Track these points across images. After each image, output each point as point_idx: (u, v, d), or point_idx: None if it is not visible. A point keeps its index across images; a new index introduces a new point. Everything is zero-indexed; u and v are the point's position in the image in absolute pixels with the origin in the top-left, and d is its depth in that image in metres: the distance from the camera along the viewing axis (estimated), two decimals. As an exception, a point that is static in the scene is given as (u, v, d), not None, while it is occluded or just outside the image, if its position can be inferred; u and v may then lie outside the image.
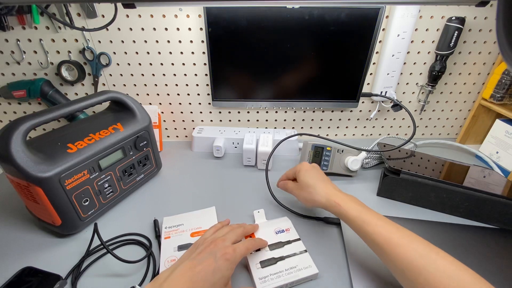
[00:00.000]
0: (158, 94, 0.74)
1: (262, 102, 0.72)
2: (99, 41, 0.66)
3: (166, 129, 0.81)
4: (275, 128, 0.81)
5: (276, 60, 0.65)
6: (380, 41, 0.68)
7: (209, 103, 0.76)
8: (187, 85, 0.73)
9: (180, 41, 0.66)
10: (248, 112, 0.78)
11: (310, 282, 0.41)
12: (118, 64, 0.69)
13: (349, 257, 0.44)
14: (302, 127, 0.82)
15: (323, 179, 0.48)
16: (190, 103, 0.76)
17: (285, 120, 0.81)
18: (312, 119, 0.81)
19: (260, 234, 0.47)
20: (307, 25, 0.60)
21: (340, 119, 0.81)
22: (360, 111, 0.79)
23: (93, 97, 0.52)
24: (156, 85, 0.73)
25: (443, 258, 0.33)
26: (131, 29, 0.65)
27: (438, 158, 0.65)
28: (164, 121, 0.79)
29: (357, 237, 0.48)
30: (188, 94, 0.75)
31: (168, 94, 0.74)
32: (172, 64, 0.70)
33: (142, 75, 0.71)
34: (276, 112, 0.79)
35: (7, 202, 0.57)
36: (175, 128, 0.81)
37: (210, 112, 0.78)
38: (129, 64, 0.69)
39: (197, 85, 0.73)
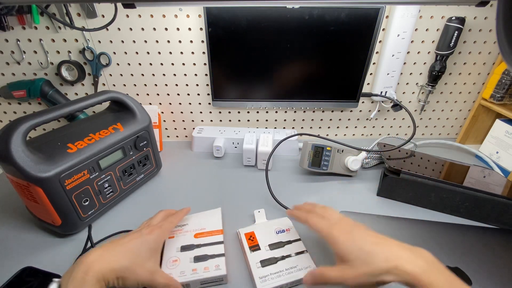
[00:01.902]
0: (158, 94, 0.74)
1: (262, 102, 0.72)
2: (99, 41, 0.66)
3: (166, 129, 0.81)
4: (275, 128, 0.81)
5: (276, 60, 0.65)
6: (380, 41, 0.68)
7: (209, 103, 0.76)
8: (187, 85, 0.73)
9: (180, 41, 0.66)
10: (248, 112, 0.78)
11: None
12: (118, 64, 0.69)
13: (349, 257, 0.44)
14: (302, 127, 0.82)
15: (368, 233, 0.34)
16: (190, 103, 0.76)
17: (285, 120, 0.81)
18: (312, 119, 0.81)
19: (260, 233, 0.47)
20: (307, 25, 0.60)
21: (340, 119, 0.81)
22: (360, 111, 0.79)
23: (93, 97, 0.52)
24: (156, 85, 0.73)
25: None
26: (131, 29, 0.65)
27: (438, 158, 0.65)
28: (164, 121, 0.79)
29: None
30: (188, 94, 0.75)
31: (168, 94, 0.74)
32: (172, 64, 0.70)
33: (142, 75, 0.71)
34: (276, 112, 0.79)
35: (7, 202, 0.57)
36: (175, 128, 0.81)
37: (210, 112, 0.78)
38: (129, 64, 0.69)
39: (197, 85, 0.73)
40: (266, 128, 0.81)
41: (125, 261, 0.34)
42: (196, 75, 0.71)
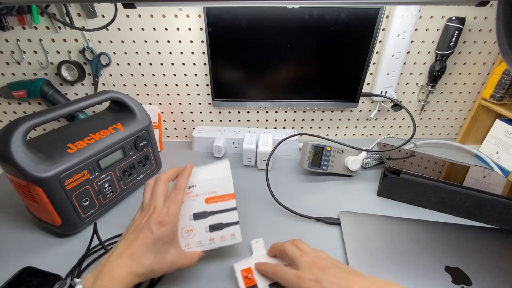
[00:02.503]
0: (158, 94, 0.74)
1: (262, 102, 0.72)
2: (99, 41, 0.66)
3: (166, 129, 0.81)
4: (275, 128, 0.81)
5: (276, 60, 0.65)
6: (380, 41, 0.68)
7: (209, 103, 0.76)
8: (187, 85, 0.73)
9: (180, 41, 0.66)
10: (248, 112, 0.78)
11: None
12: (118, 64, 0.69)
13: (349, 257, 0.44)
14: (302, 127, 0.82)
15: (338, 276, 0.33)
16: (190, 103, 0.76)
17: (285, 120, 0.81)
18: (312, 119, 0.81)
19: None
20: (307, 25, 0.60)
21: (340, 119, 0.81)
22: (360, 111, 0.79)
23: (93, 97, 0.52)
24: (156, 85, 0.73)
25: None
26: (131, 29, 0.65)
27: (438, 158, 0.65)
28: (164, 121, 0.79)
29: (357, 237, 0.48)
30: (188, 94, 0.75)
31: (168, 94, 0.74)
32: (172, 64, 0.70)
33: (142, 75, 0.71)
34: (276, 112, 0.79)
35: (7, 202, 0.57)
36: (175, 128, 0.81)
37: (210, 112, 0.78)
38: (129, 64, 0.69)
39: (197, 85, 0.73)
40: (266, 128, 0.81)
41: (146, 263, 0.33)
42: (196, 75, 0.71)
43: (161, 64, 0.69)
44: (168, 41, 0.66)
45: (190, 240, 0.39)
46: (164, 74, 0.71)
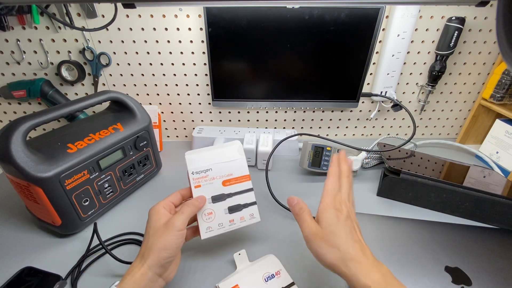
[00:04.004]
0: (158, 94, 0.74)
1: (262, 102, 0.72)
2: (99, 41, 0.66)
3: (166, 129, 0.81)
4: (275, 128, 0.81)
5: (276, 60, 0.65)
6: (380, 41, 0.68)
7: (209, 103, 0.76)
8: (187, 85, 0.73)
9: (180, 41, 0.66)
10: (248, 112, 0.78)
11: None
12: (118, 64, 0.69)
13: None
14: (302, 127, 0.82)
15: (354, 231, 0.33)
16: (190, 103, 0.76)
17: (285, 120, 0.80)
18: (312, 119, 0.81)
19: (246, 285, 0.39)
20: (307, 25, 0.60)
21: (340, 119, 0.81)
22: (360, 111, 0.79)
23: (93, 97, 0.52)
24: (156, 85, 0.73)
25: None
26: (131, 29, 0.64)
27: (438, 158, 0.65)
28: (164, 121, 0.79)
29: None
30: (188, 94, 0.75)
31: (168, 94, 0.74)
32: (172, 64, 0.69)
33: (142, 75, 0.71)
34: (276, 112, 0.79)
35: (7, 202, 0.57)
36: (175, 128, 0.81)
37: (210, 112, 0.78)
38: (129, 64, 0.69)
39: (197, 85, 0.73)
40: (266, 128, 0.81)
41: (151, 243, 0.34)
42: (196, 75, 0.71)
43: (161, 64, 0.69)
44: (168, 41, 0.66)
45: (211, 223, 0.40)
46: (164, 74, 0.71)
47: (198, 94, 0.75)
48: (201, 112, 0.78)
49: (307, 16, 0.59)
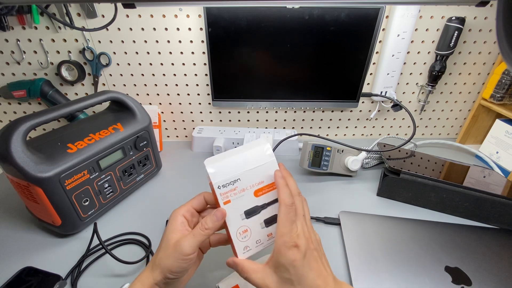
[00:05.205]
0: (158, 94, 0.74)
1: (262, 102, 0.72)
2: (99, 41, 0.66)
3: (166, 129, 0.81)
4: (275, 128, 0.81)
5: (276, 60, 0.65)
6: (380, 41, 0.68)
7: (209, 103, 0.76)
8: (187, 85, 0.73)
9: (180, 41, 0.66)
10: (248, 112, 0.78)
11: None
12: (118, 64, 0.69)
13: (349, 257, 0.44)
14: (302, 127, 0.82)
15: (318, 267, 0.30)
16: (190, 103, 0.76)
17: (285, 120, 0.80)
18: (312, 119, 0.81)
19: (246, 284, 0.36)
20: (307, 25, 0.60)
21: (340, 119, 0.81)
22: (360, 111, 0.79)
23: (93, 97, 0.52)
24: (156, 85, 0.73)
25: None
26: (131, 29, 0.64)
27: (438, 158, 0.65)
28: (164, 121, 0.79)
29: (357, 237, 0.48)
30: (188, 94, 0.75)
31: (168, 94, 0.74)
32: (172, 64, 0.70)
33: (142, 75, 0.71)
34: (276, 112, 0.79)
35: (7, 202, 0.57)
36: (175, 128, 0.81)
37: (210, 112, 0.78)
38: (129, 64, 0.69)
39: (197, 85, 0.73)
40: (266, 128, 0.81)
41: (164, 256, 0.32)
42: (196, 75, 0.71)
43: (161, 64, 0.69)
44: (168, 41, 0.66)
45: (247, 241, 0.35)
46: (164, 74, 0.71)
47: (198, 94, 0.75)
48: (201, 112, 0.78)
49: (307, 16, 0.59)
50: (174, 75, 0.71)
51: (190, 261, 0.31)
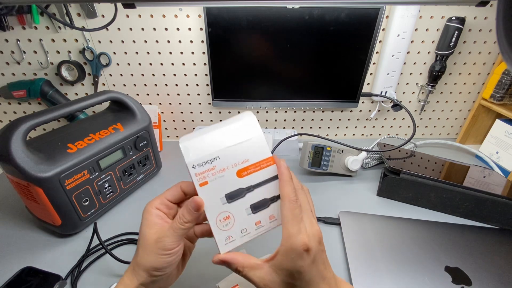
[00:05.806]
0: (158, 94, 0.74)
1: (262, 102, 0.72)
2: (99, 41, 0.66)
3: (166, 129, 0.81)
4: (275, 128, 0.81)
5: (276, 60, 0.65)
6: (380, 41, 0.68)
7: (209, 103, 0.76)
8: (187, 85, 0.73)
9: (180, 41, 0.66)
10: (248, 112, 0.78)
11: None
12: (118, 64, 0.69)
13: (349, 257, 0.44)
14: (302, 127, 0.82)
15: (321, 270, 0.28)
16: (190, 103, 0.76)
17: (285, 120, 0.80)
18: (312, 119, 0.81)
19: (246, 284, 0.32)
20: (307, 25, 0.60)
21: (340, 119, 0.81)
22: (360, 111, 0.79)
23: (93, 97, 0.52)
24: (156, 85, 0.73)
25: None
26: (131, 29, 0.65)
27: (438, 158, 0.65)
28: (164, 121, 0.79)
29: (357, 237, 0.48)
30: (188, 94, 0.75)
31: (168, 94, 0.74)
32: (172, 64, 0.70)
33: (142, 75, 0.71)
34: (276, 112, 0.79)
35: (7, 202, 0.57)
36: (175, 128, 0.81)
37: (210, 112, 0.78)
38: (129, 64, 0.69)
39: (197, 85, 0.73)
40: (266, 128, 0.81)
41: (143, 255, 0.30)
42: (196, 75, 0.71)
43: (161, 64, 0.69)
44: (168, 41, 0.66)
45: (230, 230, 0.30)
46: (164, 74, 0.71)
47: (198, 94, 0.75)
48: (201, 112, 0.78)
49: (307, 16, 0.59)
50: (174, 75, 0.71)
51: (175, 255, 0.29)
